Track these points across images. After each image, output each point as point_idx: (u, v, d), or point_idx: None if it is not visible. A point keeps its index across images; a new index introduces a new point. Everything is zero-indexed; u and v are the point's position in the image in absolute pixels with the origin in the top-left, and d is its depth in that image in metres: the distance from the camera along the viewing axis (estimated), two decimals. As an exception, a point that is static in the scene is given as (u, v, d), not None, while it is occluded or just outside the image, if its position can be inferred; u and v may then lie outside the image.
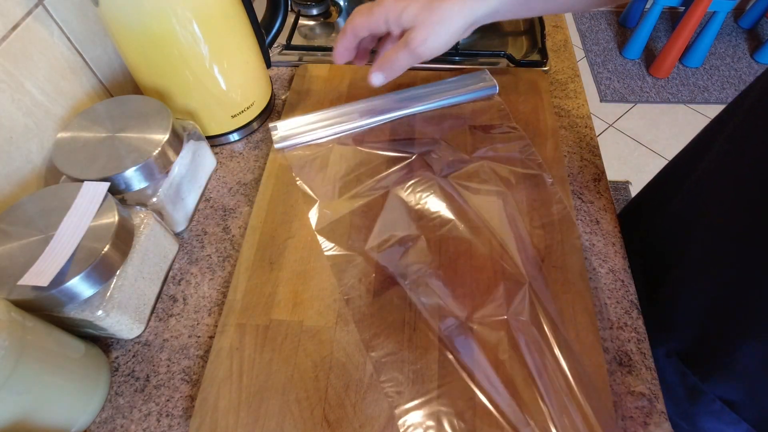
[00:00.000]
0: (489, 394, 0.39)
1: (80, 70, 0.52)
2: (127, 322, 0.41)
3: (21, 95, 0.45)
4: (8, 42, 0.43)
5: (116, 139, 0.44)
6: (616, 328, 0.43)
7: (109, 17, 0.45)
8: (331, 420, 0.38)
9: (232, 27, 0.50)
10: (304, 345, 0.42)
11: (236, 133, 0.58)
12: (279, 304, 0.44)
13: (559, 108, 0.61)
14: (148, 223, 0.43)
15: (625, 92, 2.02)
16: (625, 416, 0.38)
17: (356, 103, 0.58)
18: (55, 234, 0.37)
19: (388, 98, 0.58)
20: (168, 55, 0.47)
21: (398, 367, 0.40)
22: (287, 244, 0.48)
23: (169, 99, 0.51)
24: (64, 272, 0.35)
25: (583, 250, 0.47)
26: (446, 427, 0.37)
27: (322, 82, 0.63)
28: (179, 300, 0.46)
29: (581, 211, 0.51)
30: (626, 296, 0.45)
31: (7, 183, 0.44)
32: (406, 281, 0.44)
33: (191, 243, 0.50)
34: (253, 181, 0.55)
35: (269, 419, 0.38)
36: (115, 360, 0.43)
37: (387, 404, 0.38)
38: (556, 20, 0.74)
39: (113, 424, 0.39)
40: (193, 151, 0.50)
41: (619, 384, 0.40)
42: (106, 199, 0.40)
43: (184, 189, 0.49)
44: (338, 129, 0.56)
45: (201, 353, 0.43)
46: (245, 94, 0.55)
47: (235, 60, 0.52)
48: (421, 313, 0.43)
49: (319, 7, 0.74)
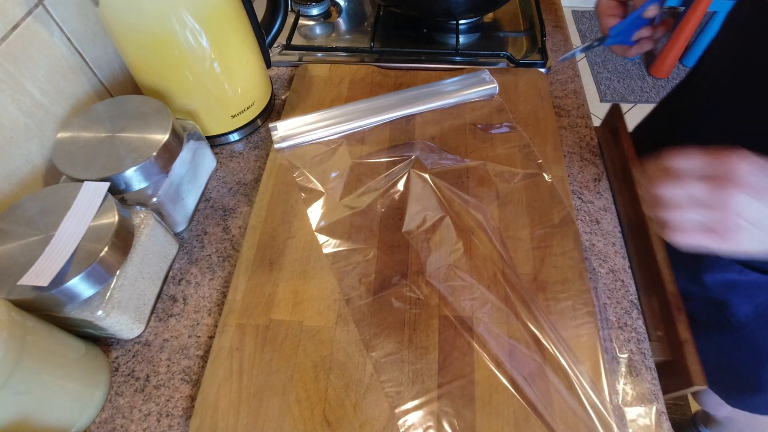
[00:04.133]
0: (489, 393, 0.39)
1: (80, 70, 0.52)
2: (127, 322, 0.41)
3: (21, 95, 0.45)
4: (8, 42, 0.43)
5: (116, 139, 0.44)
6: (616, 328, 0.43)
7: (109, 17, 0.45)
8: (331, 420, 0.38)
9: (232, 27, 0.50)
10: (304, 345, 0.42)
11: (236, 133, 0.58)
12: (279, 304, 0.44)
13: (559, 108, 0.61)
14: (148, 223, 0.43)
15: (625, 92, 2.02)
16: (625, 416, 0.38)
17: (357, 103, 0.58)
18: (55, 234, 0.37)
19: (388, 98, 0.58)
20: (168, 55, 0.47)
21: (398, 367, 0.40)
22: (287, 244, 0.48)
23: (169, 99, 0.51)
24: (64, 272, 0.35)
25: (583, 250, 0.47)
26: (446, 427, 0.37)
27: (322, 82, 0.63)
28: (179, 300, 0.46)
29: (581, 211, 0.51)
30: (626, 296, 0.45)
31: (7, 183, 0.44)
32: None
33: (191, 243, 0.50)
34: (253, 181, 0.55)
35: (269, 419, 0.38)
36: (115, 360, 0.43)
37: (387, 404, 0.38)
38: (556, 20, 0.74)
39: (113, 424, 0.39)
40: (193, 151, 0.50)
41: (619, 384, 0.40)
42: (106, 199, 0.40)
43: (184, 189, 0.49)
44: (339, 129, 0.56)
45: (201, 353, 0.43)
46: (245, 94, 0.55)
47: (235, 60, 0.52)
48: (425, 309, 0.43)
49: (319, 7, 0.74)
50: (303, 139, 0.55)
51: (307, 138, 0.55)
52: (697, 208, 0.34)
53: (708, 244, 0.34)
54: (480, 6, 0.69)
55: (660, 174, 0.35)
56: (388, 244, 0.47)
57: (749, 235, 0.33)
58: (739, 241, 0.34)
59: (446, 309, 0.43)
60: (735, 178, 0.33)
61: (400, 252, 0.47)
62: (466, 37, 0.71)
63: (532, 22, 0.72)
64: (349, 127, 0.56)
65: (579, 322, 0.42)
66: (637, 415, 0.38)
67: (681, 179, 0.34)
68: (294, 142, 0.55)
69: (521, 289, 0.44)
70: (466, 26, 0.72)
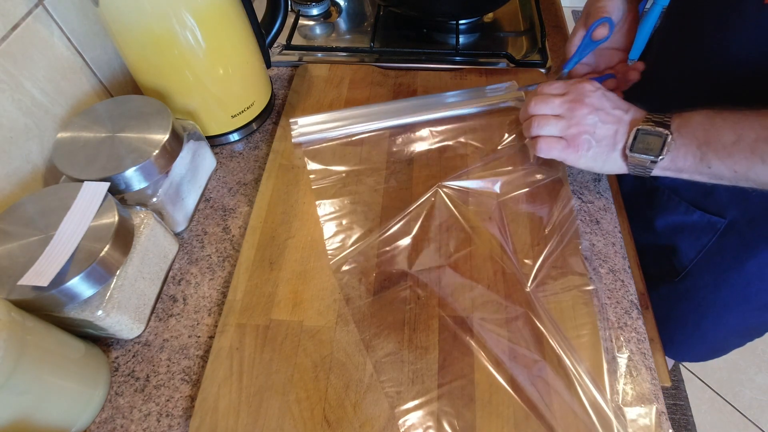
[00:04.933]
0: (489, 393, 0.39)
1: (80, 70, 0.52)
2: (127, 322, 0.41)
3: (21, 95, 0.45)
4: (8, 42, 0.43)
5: (116, 139, 0.44)
6: (616, 328, 0.43)
7: (109, 17, 0.45)
8: (331, 420, 0.38)
9: (232, 27, 0.50)
10: (304, 345, 0.42)
11: (236, 133, 0.58)
12: (279, 304, 0.44)
13: (559, 108, 0.60)
14: (148, 223, 0.43)
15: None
16: (625, 416, 0.38)
17: (378, 105, 0.58)
18: (55, 234, 0.37)
19: (410, 102, 0.58)
20: (168, 55, 0.47)
21: (398, 367, 0.40)
22: (287, 244, 0.48)
23: (169, 99, 0.51)
24: (64, 272, 0.35)
25: (583, 250, 0.47)
26: (446, 427, 0.37)
27: (322, 82, 0.63)
28: (179, 300, 0.46)
29: (581, 211, 0.51)
30: (626, 296, 0.45)
31: (7, 183, 0.44)
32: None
33: (191, 243, 0.50)
34: (253, 181, 0.55)
35: (269, 419, 0.38)
36: (115, 360, 0.43)
37: (387, 404, 0.38)
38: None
39: (113, 424, 0.39)
40: (193, 151, 0.50)
41: (619, 384, 0.40)
42: (106, 199, 0.40)
43: (184, 189, 0.49)
44: (358, 129, 0.56)
45: (201, 353, 0.43)
46: (245, 94, 0.55)
47: (235, 60, 0.52)
48: (426, 306, 0.43)
49: (319, 7, 0.74)
50: (322, 135, 0.55)
51: (326, 135, 0.55)
52: (556, 120, 0.46)
53: (560, 153, 0.46)
54: (480, 6, 0.69)
55: (532, 97, 0.48)
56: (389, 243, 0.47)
57: (588, 145, 0.45)
58: (582, 151, 0.45)
59: (446, 309, 0.43)
60: (584, 99, 0.45)
61: (401, 251, 0.47)
62: (466, 37, 0.71)
63: (532, 22, 0.72)
64: (369, 128, 0.56)
65: (579, 322, 0.42)
66: (637, 415, 0.38)
67: (545, 99, 0.47)
68: (313, 137, 0.55)
69: (521, 289, 0.44)
70: (466, 26, 0.72)
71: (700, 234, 0.56)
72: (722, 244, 0.55)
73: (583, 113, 0.45)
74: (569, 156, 0.46)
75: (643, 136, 0.42)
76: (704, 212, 0.54)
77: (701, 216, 0.55)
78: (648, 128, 0.42)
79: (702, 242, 0.56)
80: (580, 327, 0.42)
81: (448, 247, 0.47)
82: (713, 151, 0.40)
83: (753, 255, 0.53)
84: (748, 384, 1.24)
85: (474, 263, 0.46)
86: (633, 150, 0.43)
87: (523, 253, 0.46)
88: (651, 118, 0.43)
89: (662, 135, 0.41)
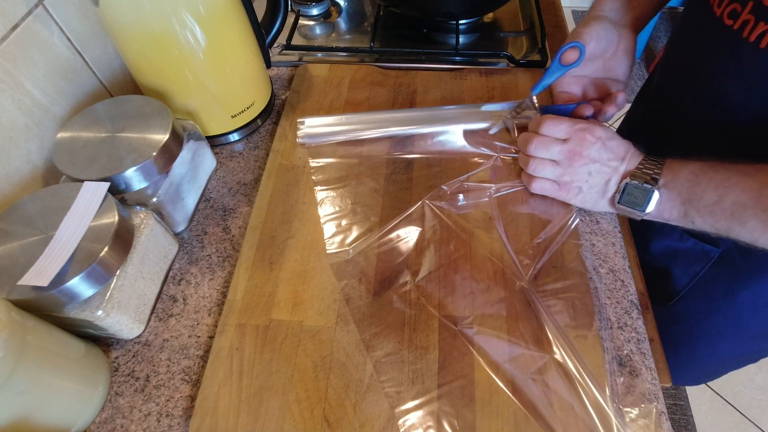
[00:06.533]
0: (490, 393, 0.39)
1: (80, 70, 0.52)
2: (127, 322, 0.41)
3: (21, 95, 0.45)
4: (8, 42, 0.43)
5: (116, 139, 0.44)
6: (616, 328, 0.43)
7: (109, 17, 0.45)
8: (331, 420, 0.38)
9: (232, 27, 0.50)
10: (304, 345, 0.42)
11: (236, 133, 0.58)
12: (279, 304, 0.44)
13: (559, 108, 0.60)
14: (148, 223, 0.43)
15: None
16: (625, 416, 0.38)
17: (386, 113, 0.58)
18: (55, 234, 0.37)
19: (421, 113, 0.57)
20: (168, 55, 0.47)
21: (398, 367, 0.40)
22: (287, 244, 0.48)
23: (169, 99, 0.51)
24: (64, 272, 0.35)
25: (583, 250, 0.47)
26: (446, 427, 0.37)
27: (322, 82, 0.63)
28: (179, 300, 0.46)
29: (581, 211, 0.51)
30: (626, 296, 0.45)
31: (7, 183, 0.44)
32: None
33: (191, 243, 0.50)
34: (253, 181, 0.55)
35: (269, 419, 0.38)
36: (115, 360, 0.43)
37: (387, 404, 0.38)
38: (556, 20, 0.74)
39: (113, 424, 0.39)
40: (193, 151, 0.50)
41: (619, 384, 0.40)
42: (106, 199, 0.40)
43: (184, 189, 0.49)
44: (365, 135, 0.55)
45: (201, 353, 0.43)
46: (245, 94, 0.55)
47: (235, 60, 0.52)
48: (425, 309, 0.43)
49: (319, 7, 0.74)
50: (328, 138, 0.55)
51: (332, 138, 0.55)
52: (552, 165, 0.47)
53: (552, 194, 0.49)
54: (480, 6, 0.69)
55: (531, 138, 0.48)
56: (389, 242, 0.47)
57: (578, 191, 0.47)
58: (572, 195, 0.47)
59: (446, 309, 0.43)
60: (582, 150, 0.45)
61: (401, 251, 0.47)
62: (466, 37, 0.71)
63: (532, 22, 0.72)
64: (376, 134, 0.55)
65: (579, 321, 0.42)
66: (637, 415, 0.38)
67: (546, 143, 0.47)
68: (319, 140, 0.55)
69: (521, 289, 0.44)
70: (466, 26, 0.72)
71: (693, 261, 0.56)
72: (715, 273, 0.55)
73: (580, 164, 0.46)
74: (560, 196, 0.48)
75: (631, 189, 0.44)
76: (698, 240, 0.55)
77: (695, 243, 0.55)
78: (636, 183, 0.43)
79: (695, 269, 0.56)
80: (579, 327, 0.42)
81: (448, 247, 0.47)
82: (695, 210, 0.41)
83: (745, 286, 0.53)
84: (748, 384, 1.24)
85: (474, 263, 0.46)
86: (621, 202, 0.45)
87: (522, 253, 0.46)
88: (642, 169, 0.44)
89: (648, 191, 0.43)
